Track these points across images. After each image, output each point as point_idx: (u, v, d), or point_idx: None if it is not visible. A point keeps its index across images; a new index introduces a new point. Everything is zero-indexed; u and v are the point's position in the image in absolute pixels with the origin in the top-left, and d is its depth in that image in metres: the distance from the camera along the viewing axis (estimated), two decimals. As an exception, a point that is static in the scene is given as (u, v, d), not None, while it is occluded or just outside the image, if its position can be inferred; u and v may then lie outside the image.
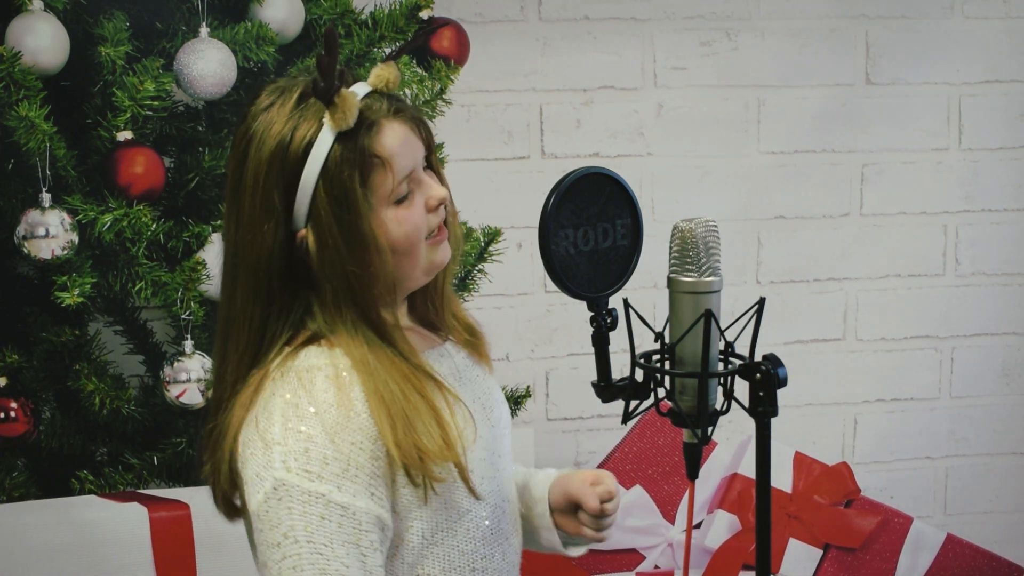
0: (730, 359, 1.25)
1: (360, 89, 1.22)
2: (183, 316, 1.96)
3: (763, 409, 1.21)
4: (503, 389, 2.31)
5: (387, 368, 1.19)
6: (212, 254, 1.99)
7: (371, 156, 1.18)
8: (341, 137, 1.17)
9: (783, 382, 1.20)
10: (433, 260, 1.26)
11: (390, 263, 1.20)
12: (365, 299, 1.19)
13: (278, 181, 1.17)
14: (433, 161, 1.28)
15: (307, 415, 1.14)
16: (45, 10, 1.90)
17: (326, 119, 1.17)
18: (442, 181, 1.29)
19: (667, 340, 1.24)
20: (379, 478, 1.15)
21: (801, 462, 2.36)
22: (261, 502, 1.14)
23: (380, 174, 1.18)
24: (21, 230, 1.88)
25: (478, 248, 2.21)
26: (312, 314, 1.21)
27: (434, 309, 1.35)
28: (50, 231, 1.87)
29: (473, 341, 1.37)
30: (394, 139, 1.20)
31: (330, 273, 1.18)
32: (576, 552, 1.47)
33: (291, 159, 1.17)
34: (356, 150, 1.17)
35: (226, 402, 1.22)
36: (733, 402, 1.25)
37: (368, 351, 1.19)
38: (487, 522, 1.26)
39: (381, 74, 1.23)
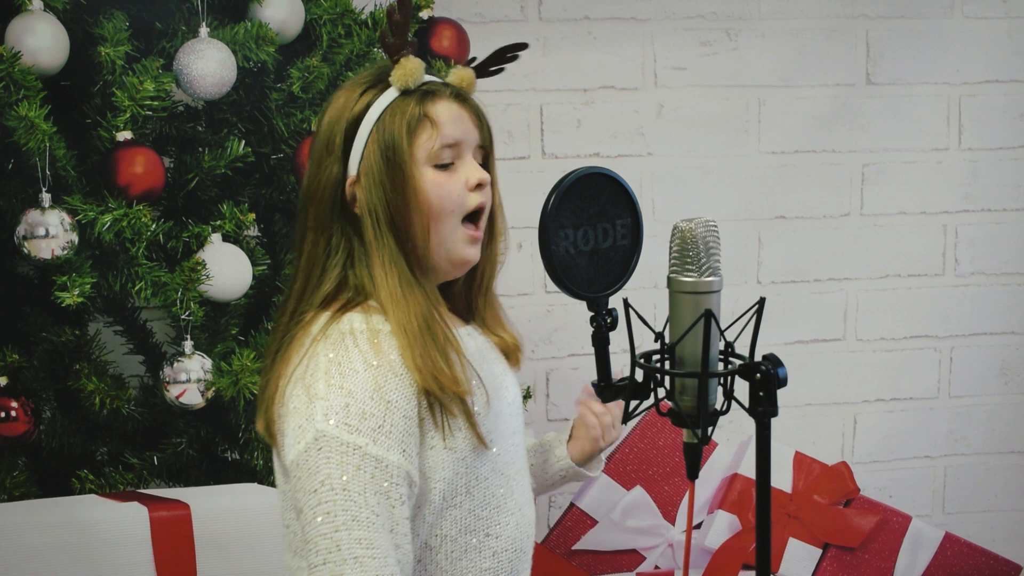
0: (730, 359, 1.25)
1: (438, 79, 1.35)
2: (183, 316, 1.96)
3: (763, 409, 1.21)
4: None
5: (413, 303, 1.28)
6: (212, 254, 1.99)
7: (421, 115, 1.30)
8: (401, 96, 1.31)
9: (783, 382, 1.21)
10: (458, 249, 1.34)
11: (422, 217, 1.30)
12: (403, 233, 1.30)
13: (342, 127, 1.32)
14: (490, 163, 1.39)
15: (349, 373, 1.24)
16: (45, 10, 1.90)
17: (391, 76, 1.31)
18: (494, 183, 1.39)
19: (667, 340, 1.25)
20: (411, 436, 1.24)
21: (801, 462, 2.36)
22: (302, 451, 1.23)
23: (426, 133, 1.30)
24: (21, 230, 1.88)
25: (478, 248, 2.21)
26: (354, 263, 1.32)
27: (471, 307, 1.44)
28: (50, 231, 1.87)
29: (511, 347, 1.46)
30: (447, 111, 1.32)
31: (374, 213, 1.30)
32: (595, 470, 1.65)
33: (356, 110, 1.32)
34: (409, 107, 1.30)
35: (276, 343, 1.34)
36: (733, 402, 1.25)
37: (399, 285, 1.29)
38: (502, 490, 1.33)
39: (460, 74, 1.37)
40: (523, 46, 1.41)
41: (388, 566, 1.19)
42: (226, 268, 1.99)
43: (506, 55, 1.39)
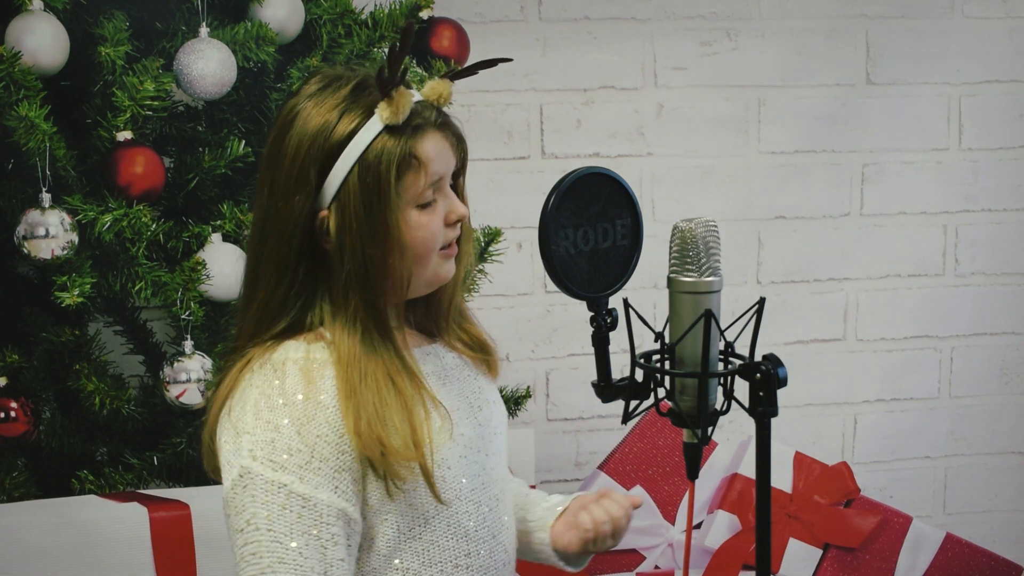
0: (730, 359, 1.25)
1: (415, 95, 1.26)
2: (183, 316, 1.96)
3: (763, 409, 1.21)
4: (503, 389, 2.32)
5: (371, 363, 1.21)
6: (212, 254, 1.99)
7: (411, 155, 1.22)
8: (387, 130, 1.21)
9: (783, 382, 1.21)
10: (438, 273, 1.29)
11: (404, 261, 1.23)
12: (376, 287, 1.22)
13: (316, 157, 1.21)
14: (460, 181, 1.32)
15: (276, 406, 1.18)
16: (45, 10, 1.90)
17: (378, 110, 1.21)
18: (464, 201, 1.32)
19: (667, 340, 1.24)
20: (345, 472, 1.18)
21: (801, 462, 2.36)
22: (228, 488, 1.19)
23: (413, 175, 1.23)
24: (21, 230, 1.88)
25: (478, 248, 2.21)
26: (315, 303, 1.24)
27: (433, 321, 1.37)
28: (50, 231, 1.87)
29: (483, 357, 1.39)
30: (434, 147, 1.25)
31: (347, 256, 1.21)
32: (578, 566, 1.46)
33: (333, 140, 1.21)
34: (399, 145, 1.21)
35: (218, 378, 1.28)
36: (733, 402, 1.25)
37: (359, 343, 1.21)
38: (471, 521, 1.27)
39: (436, 88, 1.28)
40: (507, 60, 1.35)
41: None
42: (226, 268, 1.99)
43: (486, 66, 1.33)
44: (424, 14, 2.18)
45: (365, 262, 1.21)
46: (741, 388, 1.22)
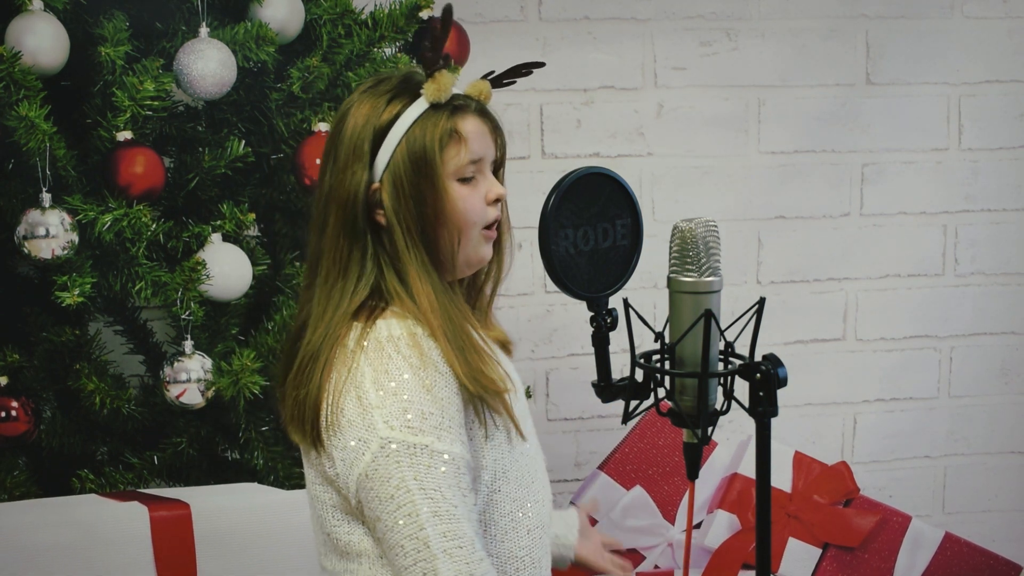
0: (730, 359, 1.25)
1: (458, 87, 1.36)
2: (183, 316, 1.96)
3: (763, 409, 1.21)
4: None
5: (451, 311, 1.31)
6: (212, 254, 1.99)
7: (452, 129, 1.32)
8: (431, 108, 1.32)
9: (783, 382, 1.21)
10: (479, 252, 1.36)
11: (448, 230, 1.32)
12: (432, 245, 1.32)
13: (370, 134, 1.32)
14: (500, 173, 1.41)
15: (399, 378, 1.26)
16: (45, 10, 1.90)
17: (424, 89, 1.32)
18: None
19: (667, 340, 1.25)
20: (464, 427, 1.28)
21: (801, 462, 2.36)
22: (369, 462, 1.25)
23: (455, 148, 1.32)
24: (21, 230, 1.88)
25: (478, 248, 2.21)
26: (382, 271, 1.32)
27: (475, 306, 1.45)
28: (50, 231, 1.87)
29: (506, 345, 1.49)
30: (474, 127, 1.34)
31: (402, 221, 1.31)
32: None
33: (384, 119, 1.32)
34: (442, 119, 1.31)
35: (310, 353, 1.31)
36: (733, 402, 1.25)
37: (435, 293, 1.31)
38: (528, 471, 1.37)
39: (478, 86, 1.38)
40: (540, 64, 1.43)
41: (476, 552, 1.23)
42: (226, 268, 1.99)
43: (521, 70, 1.41)
44: (424, 14, 2.18)
45: (421, 222, 1.31)
46: (741, 388, 1.22)
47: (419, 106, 1.32)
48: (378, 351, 1.28)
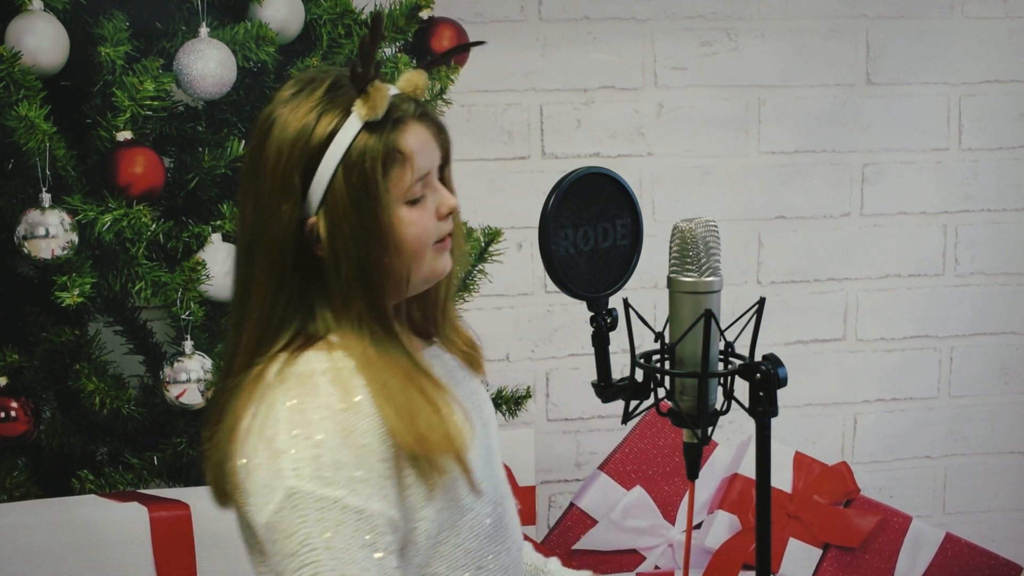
0: (730, 359, 1.25)
1: (391, 88, 1.23)
2: (183, 316, 1.96)
3: (763, 409, 1.21)
4: (503, 389, 2.32)
5: (389, 364, 1.18)
6: (212, 254, 1.99)
7: (394, 150, 1.19)
8: (367, 127, 1.18)
9: (783, 382, 1.21)
10: (435, 267, 1.26)
11: (400, 259, 1.20)
12: (377, 288, 1.19)
13: (299, 163, 1.17)
14: (447, 172, 1.28)
15: (314, 420, 1.13)
16: (45, 10, 1.90)
17: (355, 107, 1.18)
18: (452, 193, 1.29)
19: (667, 340, 1.24)
20: (389, 479, 1.14)
21: (801, 462, 2.36)
22: (273, 512, 1.12)
23: (399, 170, 1.19)
24: (21, 230, 1.88)
25: (478, 248, 2.21)
26: (315, 313, 1.21)
27: (430, 319, 1.34)
28: (50, 231, 1.87)
29: (471, 354, 1.37)
30: (416, 139, 1.21)
31: (342, 260, 1.18)
32: None
33: (314, 143, 1.17)
34: (381, 141, 1.18)
35: (229, 391, 1.21)
36: (733, 402, 1.25)
37: (372, 346, 1.18)
38: (488, 520, 1.25)
39: (411, 79, 1.24)
40: (480, 43, 1.32)
41: None
42: (226, 268, 1.99)
43: (457, 51, 1.32)
44: (424, 14, 2.18)
45: (361, 264, 1.18)
46: (741, 388, 1.22)
47: (353, 125, 1.17)
48: (298, 387, 1.15)
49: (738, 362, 1.24)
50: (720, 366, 1.24)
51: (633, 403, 1.29)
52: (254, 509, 1.15)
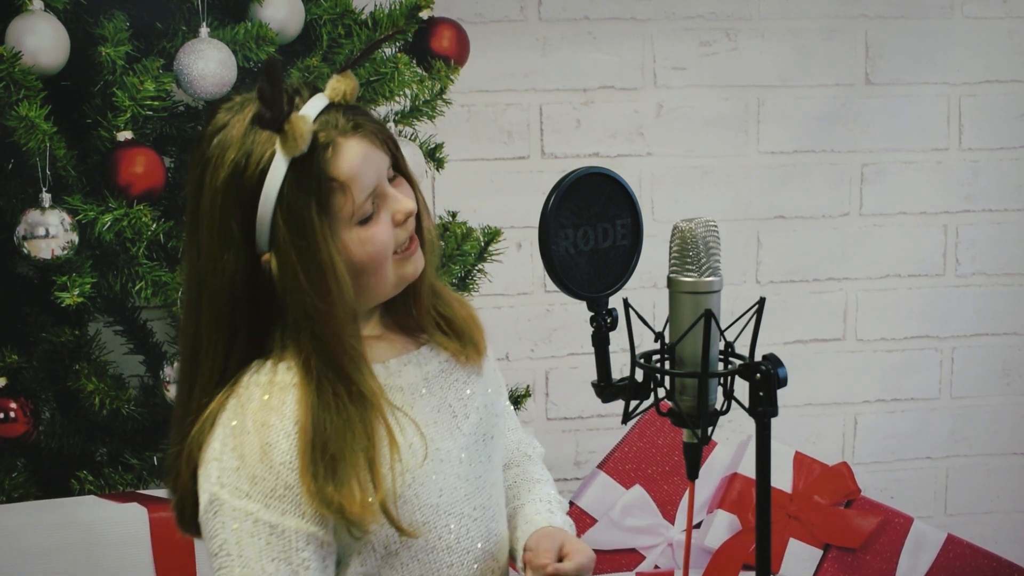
0: (730, 359, 1.24)
1: (317, 104, 1.18)
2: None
3: (763, 409, 1.20)
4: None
5: (330, 409, 1.16)
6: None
7: (328, 180, 1.15)
8: (295, 163, 1.14)
9: (783, 382, 1.20)
10: (403, 274, 1.24)
11: (349, 291, 1.17)
12: (324, 331, 1.16)
13: (235, 210, 1.15)
14: (402, 166, 1.25)
15: (240, 433, 1.15)
16: (45, 10, 1.90)
17: (277, 147, 1.13)
18: (413, 184, 1.26)
19: (667, 340, 1.24)
20: (310, 495, 1.14)
21: (801, 462, 2.36)
22: (202, 512, 1.17)
23: (339, 197, 1.16)
24: (21, 230, 1.88)
25: (478, 248, 2.21)
26: (274, 339, 1.20)
27: (414, 309, 1.32)
28: (50, 231, 1.87)
29: (457, 342, 1.34)
30: (353, 158, 1.16)
31: (291, 301, 1.16)
32: None
33: (246, 186, 1.14)
34: (311, 176, 1.14)
35: (189, 427, 1.22)
36: (733, 402, 1.25)
37: (315, 392, 1.16)
38: (451, 535, 1.25)
39: (338, 87, 1.19)
40: (392, 36, 1.31)
41: None
42: (226, 268, 1.99)
43: (378, 46, 1.25)
44: (424, 14, 2.18)
45: (306, 308, 1.15)
46: (741, 388, 1.22)
47: (280, 164, 1.13)
48: (237, 395, 1.17)
49: (738, 362, 1.23)
50: (720, 366, 1.24)
51: (633, 403, 1.29)
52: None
